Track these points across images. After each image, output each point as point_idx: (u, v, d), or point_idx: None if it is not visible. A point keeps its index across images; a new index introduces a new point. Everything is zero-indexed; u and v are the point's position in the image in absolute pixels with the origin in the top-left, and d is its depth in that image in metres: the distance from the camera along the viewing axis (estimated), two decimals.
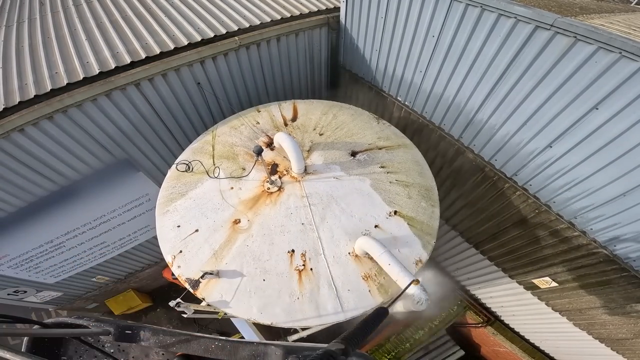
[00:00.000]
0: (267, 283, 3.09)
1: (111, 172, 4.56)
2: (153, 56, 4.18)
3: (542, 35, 3.13)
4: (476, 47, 3.75)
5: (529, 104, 3.64)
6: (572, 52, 3.01)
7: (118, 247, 5.30)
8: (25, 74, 3.96)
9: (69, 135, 4.02)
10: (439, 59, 4.32)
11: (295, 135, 4.10)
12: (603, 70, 2.88)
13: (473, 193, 5.22)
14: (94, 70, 3.95)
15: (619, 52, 2.72)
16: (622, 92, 2.85)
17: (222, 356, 1.54)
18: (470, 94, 4.26)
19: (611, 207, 3.48)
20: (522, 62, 3.41)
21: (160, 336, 1.62)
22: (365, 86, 5.70)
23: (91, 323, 1.65)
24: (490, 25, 3.48)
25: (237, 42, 4.48)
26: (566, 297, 4.93)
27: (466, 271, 6.35)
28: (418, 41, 4.44)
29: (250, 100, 5.28)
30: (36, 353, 1.79)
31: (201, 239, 3.35)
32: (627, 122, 2.92)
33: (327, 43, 5.35)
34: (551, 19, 2.99)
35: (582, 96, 3.12)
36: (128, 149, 4.59)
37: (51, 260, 4.64)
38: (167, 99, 4.52)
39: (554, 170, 3.83)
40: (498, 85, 3.85)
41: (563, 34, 2.99)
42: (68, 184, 4.32)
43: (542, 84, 3.37)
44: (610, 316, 4.52)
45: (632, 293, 3.97)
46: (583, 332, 5.02)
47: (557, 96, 3.32)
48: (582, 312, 4.87)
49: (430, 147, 5.37)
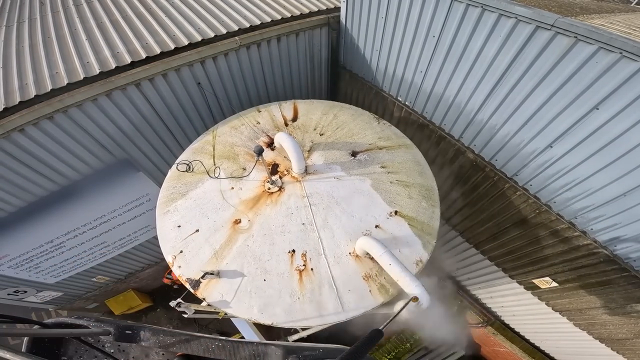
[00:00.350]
0: (268, 283, 3.09)
1: (112, 172, 4.56)
2: (153, 56, 4.18)
3: (543, 36, 3.14)
4: (477, 47, 3.76)
5: (530, 104, 3.65)
6: (572, 53, 3.01)
7: (118, 247, 5.29)
8: (26, 73, 3.96)
9: (70, 135, 4.02)
10: (440, 60, 4.33)
11: (295, 135, 4.10)
12: (603, 71, 2.88)
13: (473, 193, 5.22)
14: (94, 70, 3.95)
15: (619, 52, 2.72)
16: (622, 92, 2.86)
17: (223, 356, 1.54)
18: (470, 94, 4.26)
19: (611, 207, 3.48)
20: (523, 62, 3.42)
21: (161, 336, 1.62)
22: (365, 86, 5.70)
23: (91, 323, 1.66)
24: (490, 26, 3.49)
25: (238, 42, 4.48)
26: (566, 297, 4.93)
27: (466, 271, 6.35)
28: (418, 41, 4.45)
29: (251, 100, 5.28)
30: (36, 353, 1.79)
31: (202, 239, 3.35)
32: (627, 122, 2.93)
33: (328, 43, 5.36)
34: (552, 19, 3.00)
35: (583, 96, 3.12)
36: (128, 149, 4.59)
37: (51, 260, 4.64)
38: (167, 99, 4.52)
39: (555, 170, 3.83)
40: (498, 85, 3.86)
41: (564, 34, 3.00)
42: (68, 184, 4.32)
43: (543, 84, 3.38)
44: (610, 316, 4.52)
45: (632, 293, 3.98)
46: (583, 332, 5.02)
47: (557, 96, 3.33)
48: (582, 312, 4.87)
49: (431, 147, 5.37)
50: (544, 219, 4.38)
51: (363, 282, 3.16)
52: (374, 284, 3.17)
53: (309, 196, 3.51)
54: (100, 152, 4.37)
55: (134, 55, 4.15)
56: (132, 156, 4.67)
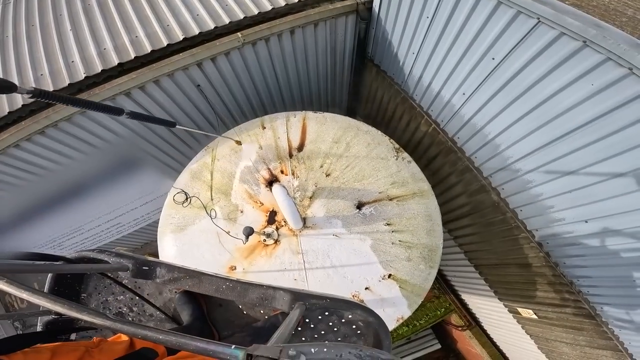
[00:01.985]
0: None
1: (120, 170, 4.51)
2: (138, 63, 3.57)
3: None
4: (552, 89, 2.76)
5: (586, 176, 3.00)
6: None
7: (133, 226, 5.69)
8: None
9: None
10: (492, 88, 3.41)
11: (299, 173, 3.75)
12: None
13: (486, 228, 4.92)
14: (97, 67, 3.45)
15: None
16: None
17: (232, 297, 1.54)
18: (517, 140, 3.51)
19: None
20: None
21: (175, 273, 1.61)
22: (393, 88, 4.79)
23: (111, 258, 1.62)
24: (588, 67, 2.43)
25: (241, 40, 3.67)
26: (540, 328, 5.35)
27: (461, 280, 6.55)
28: (469, 59, 3.47)
29: (262, 102, 4.64)
30: (58, 291, 1.81)
31: None
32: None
33: (354, 34, 4.27)
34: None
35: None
36: (134, 148, 4.37)
37: (72, 240, 5.12)
38: (176, 98, 4.05)
39: (575, 243, 3.58)
40: (558, 141, 3.07)
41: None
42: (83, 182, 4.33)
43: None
44: (569, 350, 5.03)
45: (596, 341, 4.34)
46: (543, 355, 5.65)
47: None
48: (548, 341, 5.38)
49: (453, 173, 4.83)
50: (546, 272, 4.30)
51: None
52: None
53: (304, 253, 3.44)
54: (109, 151, 4.18)
55: (138, 49, 3.56)
56: (137, 156, 4.50)
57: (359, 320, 1.68)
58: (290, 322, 1.23)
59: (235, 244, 3.54)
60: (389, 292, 3.49)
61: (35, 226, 4.30)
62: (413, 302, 3.55)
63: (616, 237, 3.15)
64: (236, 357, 0.80)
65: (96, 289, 1.99)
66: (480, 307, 6.84)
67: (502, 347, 6.88)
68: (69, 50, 3.66)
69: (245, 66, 4.07)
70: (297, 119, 4.10)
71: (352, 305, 1.61)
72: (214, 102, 4.29)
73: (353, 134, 4.02)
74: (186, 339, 0.88)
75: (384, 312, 3.44)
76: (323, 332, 1.72)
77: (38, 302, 1.03)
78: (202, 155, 3.98)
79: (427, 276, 3.66)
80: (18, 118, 3.42)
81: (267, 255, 3.47)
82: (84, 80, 3.50)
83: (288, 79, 4.60)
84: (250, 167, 3.80)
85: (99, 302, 2.04)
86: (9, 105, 3.35)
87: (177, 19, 3.75)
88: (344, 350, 0.85)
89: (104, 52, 3.62)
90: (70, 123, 3.57)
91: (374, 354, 0.86)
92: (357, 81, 5.38)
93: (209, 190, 3.74)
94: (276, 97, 4.81)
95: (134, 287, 2.02)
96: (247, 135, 4.00)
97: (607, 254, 3.35)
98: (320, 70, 4.71)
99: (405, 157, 4.03)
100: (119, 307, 2.07)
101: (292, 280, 3.40)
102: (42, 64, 3.59)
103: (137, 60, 3.61)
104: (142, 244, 6.64)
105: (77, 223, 4.85)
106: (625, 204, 2.83)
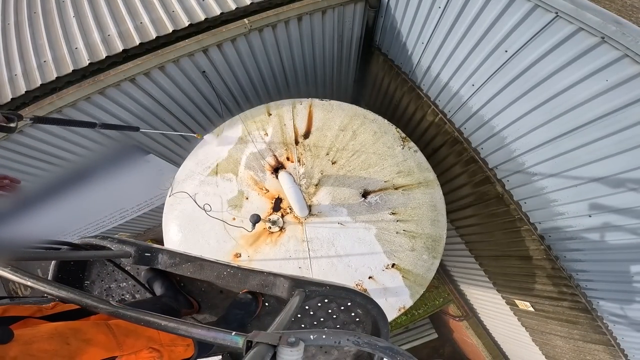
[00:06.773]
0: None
1: (123, 155, 4.49)
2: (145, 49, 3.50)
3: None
4: (565, 84, 2.71)
5: (593, 171, 2.97)
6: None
7: (136, 211, 5.72)
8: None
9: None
10: (503, 81, 3.36)
11: (305, 161, 3.74)
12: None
13: (489, 219, 4.96)
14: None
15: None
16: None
17: (233, 283, 1.56)
18: (525, 133, 3.49)
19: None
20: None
21: (177, 260, 1.63)
22: (400, 77, 4.73)
23: (114, 245, 1.63)
24: (604, 63, 2.38)
25: (248, 27, 3.60)
26: (536, 320, 5.47)
27: (461, 271, 6.64)
28: (482, 51, 3.41)
29: (268, 89, 4.58)
30: (62, 278, 1.81)
31: None
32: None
33: (362, 22, 4.18)
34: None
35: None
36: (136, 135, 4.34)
37: (75, 225, 5.15)
38: (181, 84, 4.01)
39: (576, 237, 3.63)
40: (567, 136, 3.04)
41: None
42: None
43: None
44: (563, 343, 5.16)
45: (590, 336, 4.47)
46: (536, 347, 5.80)
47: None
48: (542, 333, 5.51)
49: (458, 164, 4.82)
50: (546, 265, 4.36)
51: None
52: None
53: (309, 241, 3.47)
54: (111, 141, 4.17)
55: (143, 35, 3.48)
56: (143, 142, 4.47)
57: (358, 308, 1.70)
58: (290, 309, 1.23)
59: (241, 231, 3.56)
60: (392, 282, 3.54)
61: (42, 214, 4.32)
62: (415, 292, 3.61)
63: (618, 232, 3.20)
64: (236, 343, 0.83)
65: (99, 276, 1.99)
66: (478, 298, 6.97)
67: (498, 338, 7.04)
68: (73, 37, 3.58)
69: (252, 53, 4.01)
70: (304, 106, 4.06)
71: (352, 293, 1.62)
72: (219, 89, 4.23)
73: (359, 122, 4.00)
74: (188, 325, 0.90)
75: (386, 301, 3.50)
76: (322, 319, 1.74)
77: (43, 290, 1.03)
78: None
79: (430, 266, 3.71)
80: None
81: (272, 243, 3.50)
82: (88, 67, 3.45)
83: (294, 66, 4.53)
84: (255, 153, 3.79)
85: (102, 289, 2.04)
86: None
87: (183, 5, 3.67)
88: (343, 337, 0.87)
89: (108, 39, 3.55)
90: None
91: (371, 342, 0.88)
92: (363, 69, 5.31)
93: (214, 176, 3.74)
94: (281, 84, 4.76)
95: (136, 275, 2.01)
96: (252, 122, 3.97)
97: (607, 249, 3.41)
98: (327, 57, 4.64)
99: (412, 146, 4.01)
100: (122, 294, 2.07)
101: (296, 269, 3.45)
102: (45, 50, 3.52)
103: (142, 46, 3.55)
104: (145, 229, 6.69)
105: (82, 210, 4.86)
106: (631, 200, 2.84)
